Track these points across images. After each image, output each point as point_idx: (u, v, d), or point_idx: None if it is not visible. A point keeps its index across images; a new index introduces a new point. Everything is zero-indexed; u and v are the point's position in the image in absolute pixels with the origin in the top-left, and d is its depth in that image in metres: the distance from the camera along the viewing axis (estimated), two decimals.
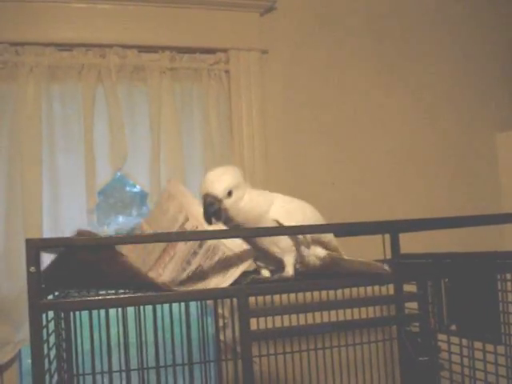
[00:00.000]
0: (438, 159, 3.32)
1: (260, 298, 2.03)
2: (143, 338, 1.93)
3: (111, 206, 3.12)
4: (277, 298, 2.07)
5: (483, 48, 3.49)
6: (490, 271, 1.80)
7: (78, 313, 1.85)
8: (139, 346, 1.94)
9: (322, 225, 1.64)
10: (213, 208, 1.48)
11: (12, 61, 2.66)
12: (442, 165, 3.32)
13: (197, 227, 1.57)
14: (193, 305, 2.01)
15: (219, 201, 1.49)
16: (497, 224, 2.01)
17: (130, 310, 1.81)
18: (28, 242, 1.22)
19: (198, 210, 1.57)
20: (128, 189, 3.12)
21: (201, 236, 1.50)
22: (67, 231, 2.66)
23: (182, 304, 1.75)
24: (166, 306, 1.88)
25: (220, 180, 1.51)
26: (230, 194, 1.51)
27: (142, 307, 1.84)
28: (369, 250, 1.96)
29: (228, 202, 1.51)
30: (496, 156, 3.46)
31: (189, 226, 1.59)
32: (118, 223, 3.17)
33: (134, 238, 1.48)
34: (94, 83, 2.74)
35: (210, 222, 1.48)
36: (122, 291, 1.52)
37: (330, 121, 3.13)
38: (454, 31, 3.44)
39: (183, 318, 1.80)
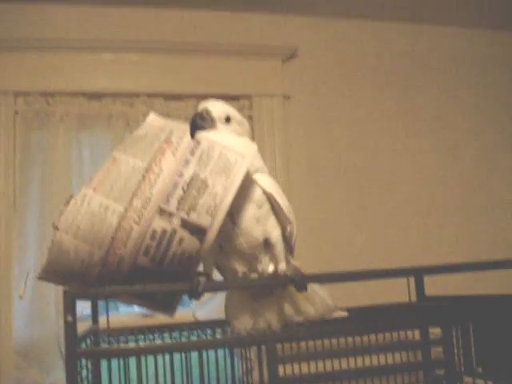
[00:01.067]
0: (459, 200, 3.32)
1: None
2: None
3: None
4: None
5: (501, 88, 3.52)
6: None
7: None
8: None
9: (353, 272, 1.62)
10: (203, 122, 1.35)
11: (43, 110, 2.77)
12: (463, 205, 3.32)
13: (181, 138, 1.34)
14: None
15: (212, 119, 1.37)
16: None
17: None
18: (66, 292, 1.27)
19: (185, 127, 1.38)
20: None
21: None
22: None
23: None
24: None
25: (223, 104, 1.40)
26: (227, 120, 1.38)
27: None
28: (393, 292, 1.98)
29: (220, 127, 1.37)
30: None
31: (174, 139, 1.34)
32: None
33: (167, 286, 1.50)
34: (122, 131, 2.82)
35: (193, 136, 1.32)
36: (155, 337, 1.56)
37: (352, 164, 3.17)
38: (474, 70, 3.48)
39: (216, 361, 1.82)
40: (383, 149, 3.25)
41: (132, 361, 1.70)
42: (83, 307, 2.38)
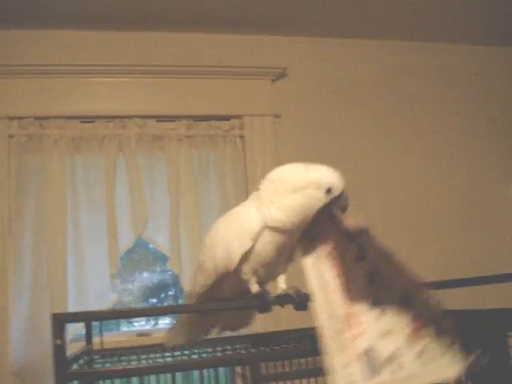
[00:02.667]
0: (452, 215, 3.35)
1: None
2: None
3: (135, 264, 3.20)
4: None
5: (493, 104, 3.57)
6: (501, 328, 1.83)
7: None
8: None
9: None
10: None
11: (37, 134, 2.82)
12: (457, 220, 3.35)
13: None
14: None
15: None
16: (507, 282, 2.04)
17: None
18: (54, 316, 1.30)
19: None
20: (151, 246, 3.20)
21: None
22: (91, 295, 2.75)
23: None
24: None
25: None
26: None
27: None
28: None
29: None
30: (509, 207, 3.48)
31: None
32: (143, 280, 3.24)
33: (150, 310, 1.54)
34: (114, 153, 2.87)
35: None
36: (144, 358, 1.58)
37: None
38: (463, 89, 3.53)
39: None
40: (374, 166, 3.28)
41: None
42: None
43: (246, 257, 1.41)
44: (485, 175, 3.49)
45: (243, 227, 1.41)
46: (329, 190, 1.41)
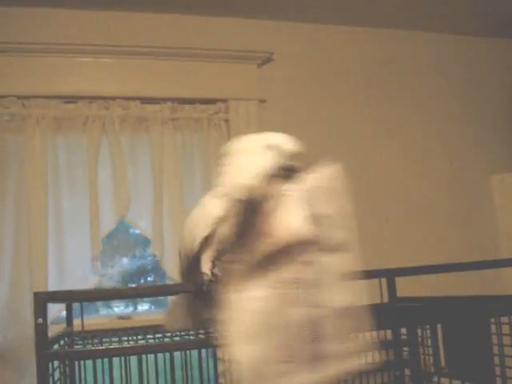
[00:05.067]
0: (434, 204, 3.38)
1: None
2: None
3: (115, 249, 3.18)
4: None
5: (475, 93, 3.59)
6: (482, 315, 1.85)
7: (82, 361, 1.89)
8: None
9: None
10: None
11: (19, 113, 2.77)
12: (439, 209, 3.38)
13: None
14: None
15: None
16: (490, 268, 2.06)
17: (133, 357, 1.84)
18: (36, 295, 1.28)
19: None
20: (131, 231, 3.18)
21: None
22: (72, 277, 2.73)
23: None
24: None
25: None
26: None
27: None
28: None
29: None
30: (491, 198, 3.51)
31: None
32: (123, 265, 3.22)
33: (134, 290, 1.53)
34: (98, 134, 2.83)
35: None
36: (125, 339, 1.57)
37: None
38: (446, 78, 3.55)
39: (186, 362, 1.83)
40: (357, 151, 3.29)
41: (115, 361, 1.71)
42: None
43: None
44: (467, 165, 3.51)
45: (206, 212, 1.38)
46: (271, 147, 1.28)
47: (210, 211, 1.37)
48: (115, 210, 2.81)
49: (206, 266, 1.41)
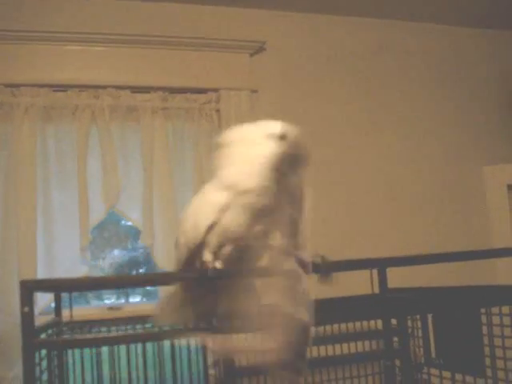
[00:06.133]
0: (426, 195, 3.37)
1: None
2: (133, 374, 1.95)
3: (106, 240, 3.16)
4: None
5: (467, 84, 3.58)
6: (473, 305, 1.85)
7: (70, 350, 1.87)
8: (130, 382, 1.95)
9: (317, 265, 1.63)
10: None
11: (8, 102, 2.74)
12: (431, 200, 3.37)
13: None
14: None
15: None
16: (481, 259, 2.06)
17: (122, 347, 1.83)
18: (22, 283, 1.26)
19: None
20: (122, 222, 3.16)
21: None
22: (61, 268, 2.70)
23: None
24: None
25: None
26: None
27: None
28: (357, 285, 2.00)
29: None
30: (483, 189, 3.51)
31: None
32: (114, 257, 3.20)
33: (125, 279, 1.52)
34: (87, 123, 2.80)
35: None
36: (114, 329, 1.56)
37: (319, 158, 3.16)
38: (437, 70, 3.53)
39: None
40: (349, 141, 3.28)
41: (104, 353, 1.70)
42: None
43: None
44: (459, 157, 3.50)
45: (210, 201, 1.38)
46: (272, 136, 1.34)
47: (214, 201, 1.36)
48: (105, 199, 2.78)
49: (208, 255, 1.41)
